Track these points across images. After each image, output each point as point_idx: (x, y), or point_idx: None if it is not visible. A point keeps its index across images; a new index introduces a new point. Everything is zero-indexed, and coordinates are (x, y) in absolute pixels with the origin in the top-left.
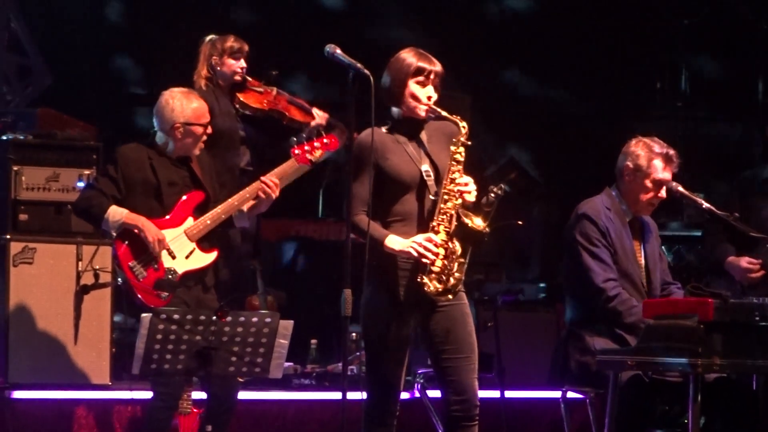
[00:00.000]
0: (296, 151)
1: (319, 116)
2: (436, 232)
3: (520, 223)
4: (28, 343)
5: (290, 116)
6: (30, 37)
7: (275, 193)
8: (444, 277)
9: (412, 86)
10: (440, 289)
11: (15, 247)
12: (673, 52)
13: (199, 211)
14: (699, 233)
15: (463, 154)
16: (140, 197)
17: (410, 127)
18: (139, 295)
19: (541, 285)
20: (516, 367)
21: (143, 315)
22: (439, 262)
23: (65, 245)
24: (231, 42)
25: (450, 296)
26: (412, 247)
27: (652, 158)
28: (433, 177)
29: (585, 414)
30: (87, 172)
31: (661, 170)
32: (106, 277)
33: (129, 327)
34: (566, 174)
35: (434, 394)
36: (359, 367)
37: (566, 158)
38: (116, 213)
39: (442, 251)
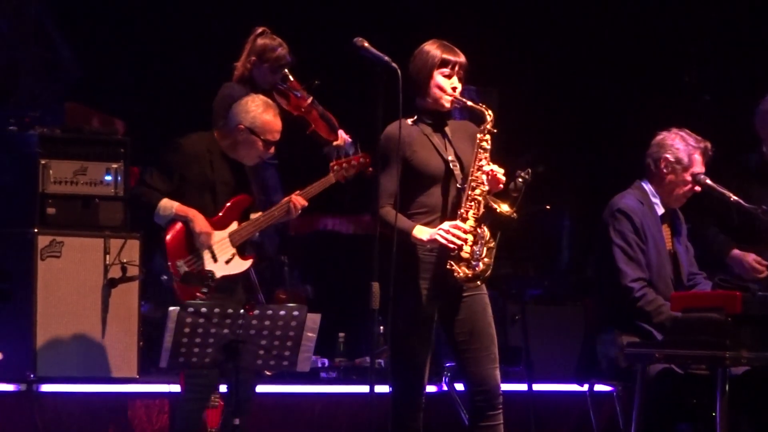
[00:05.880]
0: (335, 167)
1: (343, 138)
2: (465, 219)
3: (548, 207)
4: (55, 336)
5: (315, 129)
6: (58, 30)
7: (295, 213)
8: (473, 263)
9: (438, 78)
10: (470, 275)
11: (42, 241)
12: (701, 44)
13: (244, 215)
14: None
15: (489, 141)
16: (194, 191)
17: (435, 119)
18: (179, 294)
19: (569, 278)
20: (543, 361)
21: (171, 309)
22: (467, 248)
23: (93, 239)
24: (275, 54)
25: (479, 282)
26: (439, 234)
27: (692, 152)
28: (458, 167)
29: (612, 407)
30: (114, 165)
31: (700, 164)
32: (133, 271)
33: (157, 320)
34: (593, 167)
35: (462, 387)
36: (387, 361)
37: (593, 150)
38: (167, 206)
39: (470, 237)
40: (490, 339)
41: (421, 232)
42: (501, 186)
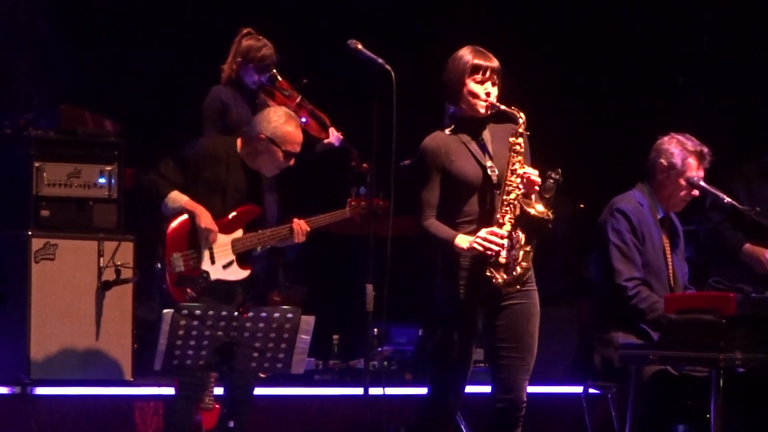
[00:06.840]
0: (353, 203)
1: (334, 136)
2: (501, 225)
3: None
4: (49, 339)
5: (304, 127)
6: (53, 32)
7: (298, 239)
8: (510, 268)
9: (470, 84)
10: (508, 280)
11: (36, 243)
12: (695, 45)
13: (250, 226)
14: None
15: (522, 144)
16: (205, 191)
17: (472, 126)
18: (170, 288)
19: (564, 279)
20: (538, 362)
21: (165, 311)
22: (504, 253)
23: (87, 241)
24: (260, 54)
25: (518, 286)
26: (476, 242)
27: (686, 156)
28: (497, 172)
29: (607, 409)
30: (108, 168)
31: (695, 168)
32: (127, 273)
33: (151, 322)
34: (589, 168)
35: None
36: (381, 363)
37: (588, 152)
38: (176, 198)
39: (506, 242)
40: (527, 350)
41: (462, 241)
42: (537, 188)
